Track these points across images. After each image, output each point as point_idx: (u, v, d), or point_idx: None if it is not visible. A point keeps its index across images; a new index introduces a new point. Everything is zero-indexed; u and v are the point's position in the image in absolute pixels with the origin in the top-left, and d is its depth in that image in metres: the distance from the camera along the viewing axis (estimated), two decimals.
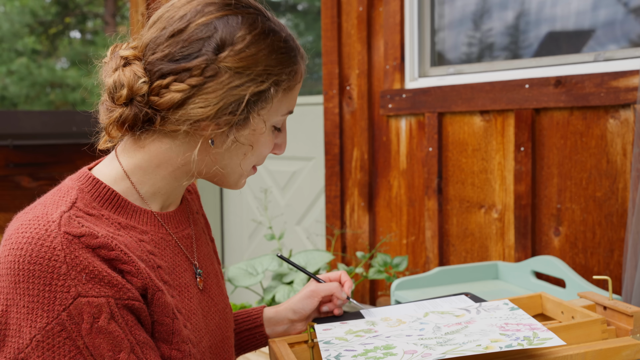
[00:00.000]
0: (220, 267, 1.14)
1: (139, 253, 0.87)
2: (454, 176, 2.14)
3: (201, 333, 0.96)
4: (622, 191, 1.73)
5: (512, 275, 1.85)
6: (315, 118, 2.86)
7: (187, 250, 1.00)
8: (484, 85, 2.02)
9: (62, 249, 0.77)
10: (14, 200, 3.56)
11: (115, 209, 0.90)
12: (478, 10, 2.23)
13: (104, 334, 0.78)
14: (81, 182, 0.91)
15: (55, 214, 0.81)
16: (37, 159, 3.71)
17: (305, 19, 4.04)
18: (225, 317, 1.06)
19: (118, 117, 0.88)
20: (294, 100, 0.97)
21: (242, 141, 0.92)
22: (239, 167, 0.95)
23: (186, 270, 0.98)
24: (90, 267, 0.78)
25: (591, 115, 1.80)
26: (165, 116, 0.88)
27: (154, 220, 0.95)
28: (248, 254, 3.27)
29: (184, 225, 1.02)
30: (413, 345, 0.89)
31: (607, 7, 1.89)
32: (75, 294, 0.77)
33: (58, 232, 0.78)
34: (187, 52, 0.87)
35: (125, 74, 0.88)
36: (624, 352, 0.90)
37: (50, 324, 0.76)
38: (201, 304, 0.99)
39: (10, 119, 3.73)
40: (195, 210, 1.11)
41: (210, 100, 0.87)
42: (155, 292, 0.85)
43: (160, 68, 0.88)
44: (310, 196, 2.93)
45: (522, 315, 0.98)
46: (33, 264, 0.77)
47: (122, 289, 0.80)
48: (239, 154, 0.94)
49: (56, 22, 12.37)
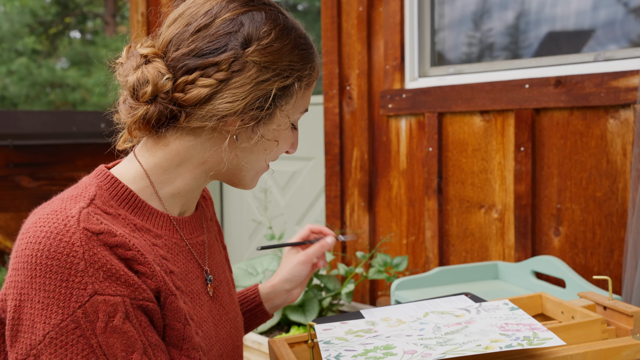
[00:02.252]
0: (232, 275, 1.13)
1: (152, 257, 0.86)
2: (454, 176, 2.14)
3: (212, 341, 0.95)
4: (622, 191, 1.73)
5: (512, 275, 1.85)
6: (315, 118, 2.86)
7: (199, 257, 0.99)
8: (484, 85, 2.02)
9: (80, 245, 0.76)
10: (14, 200, 3.56)
11: (132, 209, 0.89)
12: (478, 10, 2.23)
13: (119, 333, 0.77)
14: (99, 179, 0.90)
15: (75, 210, 0.80)
16: (37, 159, 3.71)
17: (305, 19, 4.04)
18: (236, 326, 1.06)
19: (143, 114, 0.87)
20: (309, 98, 0.99)
21: (268, 137, 0.93)
22: (262, 162, 0.96)
23: (198, 278, 0.97)
24: (108, 265, 0.77)
25: (591, 115, 1.80)
26: (191, 112, 0.88)
27: (169, 224, 0.94)
28: (248, 254, 3.28)
29: (198, 232, 1.01)
30: (413, 345, 0.89)
31: (607, 7, 1.89)
32: (92, 291, 0.76)
33: (77, 228, 0.78)
34: (215, 47, 0.87)
35: (149, 71, 0.87)
36: (624, 352, 0.90)
37: (65, 321, 0.75)
38: (212, 312, 0.98)
39: (10, 119, 3.73)
40: (209, 217, 1.10)
41: (238, 95, 0.87)
42: (169, 296, 0.84)
43: (186, 64, 0.87)
44: (310, 196, 2.93)
45: (522, 315, 0.98)
46: (51, 259, 0.76)
47: (138, 289, 0.80)
48: (261, 150, 0.94)
49: (56, 22, 12.37)
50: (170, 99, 0.87)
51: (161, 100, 0.87)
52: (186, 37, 0.88)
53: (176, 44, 0.89)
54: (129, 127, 0.90)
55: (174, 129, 0.90)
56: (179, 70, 0.88)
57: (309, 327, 1.03)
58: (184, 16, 0.90)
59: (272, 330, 2.38)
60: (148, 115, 0.88)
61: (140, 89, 0.87)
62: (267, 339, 2.19)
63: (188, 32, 0.88)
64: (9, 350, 0.78)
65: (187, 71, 0.87)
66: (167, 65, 0.88)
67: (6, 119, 3.72)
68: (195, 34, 0.88)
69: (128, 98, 0.90)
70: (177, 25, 0.90)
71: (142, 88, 0.87)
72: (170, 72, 0.88)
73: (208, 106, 0.87)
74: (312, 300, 2.30)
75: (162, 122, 0.89)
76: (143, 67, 0.88)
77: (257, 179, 1.00)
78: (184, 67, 0.87)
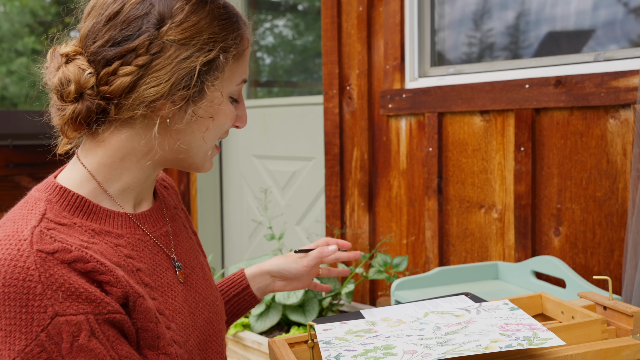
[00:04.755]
0: (206, 259, 1.12)
1: (116, 259, 0.85)
2: (454, 176, 2.14)
3: (188, 331, 0.94)
4: (622, 191, 1.73)
5: (512, 275, 1.85)
6: (316, 118, 2.86)
7: (166, 248, 0.98)
8: (484, 85, 2.02)
9: (36, 268, 0.75)
10: (14, 200, 3.54)
11: (87, 215, 0.88)
12: (478, 10, 2.23)
13: (85, 351, 0.76)
14: (48, 192, 0.88)
15: (26, 231, 0.78)
16: (37, 159, 3.71)
17: (305, 19, 4.04)
18: (216, 310, 1.04)
19: (71, 114, 0.86)
20: (246, 68, 0.95)
21: (201, 114, 0.90)
22: (203, 141, 0.93)
23: (168, 269, 0.96)
24: (67, 285, 0.76)
25: (591, 115, 1.80)
26: (119, 104, 0.86)
27: (128, 222, 0.92)
28: (248, 254, 3.27)
29: (161, 223, 1.00)
30: (413, 345, 0.89)
31: (607, 7, 1.89)
32: (52, 313, 0.74)
33: (31, 251, 0.76)
34: (128, 33, 0.85)
35: (70, 69, 0.86)
36: (624, 352, 0.90)
37: (29, 346, 0.74)
38: (187, 301, 0.97)
39: (10, 119, 3.73)
40: (172, 205, 1.08)
41: (162, 78, 0.85)
42: (137, 299, 0.83)
43: (104, 55, 0.86)
44: (310, 196, 2.93)
45: (522, 316, 0.98)
46: (7, 286, 0.74)
47: (101, 303, 0.78)
48: (201, 128, 0.91)
49: (56, 22, 12.36)
50: (97, 93, 0.86)
51: (88, 97, 0.86)
52: (99, 27, 0.87)
53: (92, 37, 0.87)
54: (61, 129, 0.89)
55: (108, 123, 0.89)
56: (99, 63, 0.86)
57: (309, 327, 1.03)
58: (96, 7, 0.89)
59: (272, 330, 2.39)
60: (75, 114, 0.86)
61: (64, 89, 0.86)
62: (267, 339, 2.19)
63: (101, 22, 0.87)
64: None
65: (107, 62, 0.86)
66: (88, 60, 0.87)
67: (6, 119, 3.72)
68: (107, 23, 0.86)
69: (56, 100, 0.89)
70: (92, 17, 0.89)
71: (65, 88, 0.86)
72: (92, 67, 0.86)
73: (134, 94, 0.85)
74: (312, 300, 2.30)
75: (93, 118, 0.87)
76: (63, 66, 0.87)
77: (209, 160, 0.97)
78: (103, 58, 0.86)
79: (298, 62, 3.87)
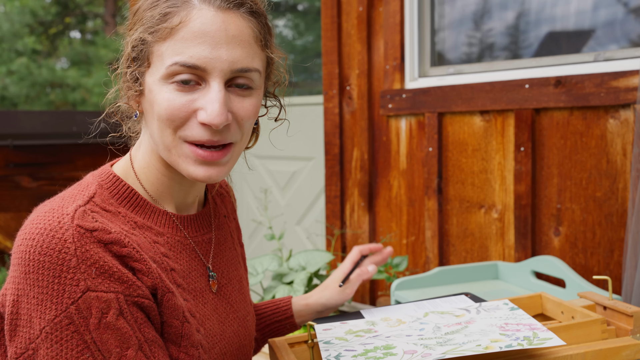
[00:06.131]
0: (247, 273, 1.13)
1: (151, 254, 0.86)
2: (454, 176, 2.14)
3: (215, 339, 0.95)
4: (622, 191, 1.73)
5: (512, 275, 1.85)
6: (316, 118, 2.86)
7: (203, 255, 0.99)
8: (484, 85, 2.02)
9: (73, 242, 0.77)
10: (14, 200, 3.56)
11: (132, 207, 0.90)
12: (478, 10, 2.23)
13: (112, 329, 0.77)
14: (102, 178, 0.91)
15: (71, 207, 0.81)
16: (37, 159, 3.71)
17: (305, 19, 4.04)
18: (245, 325, 1.05)
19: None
20: (186, 49, 0.83)
21: (145, 103, 0.89)
22: (160, 135, 0.87)
23: (202, 276, 0.97)
24: (101, 262, 0.77)
25: (591, 115, 1.80)
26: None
27: (171, 223, 0.94)
28: (248, 254, 3.28)
29: (205, 229, 1.01)
30: (413, 345, 0.89)
31: (607, 7, 1.89)
32: (84, 287, 0.76)
33: (70, 225, 0.78)
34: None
35: None
36: (624, 352, 0.90)
37: (58, 317, 0.76)
38: (217, 310, 0.98)
39: (10, 119, 3.73)
40: (223, 213, 1.09)
41: (122, 74, 0.91)
42: (166, 294, 0.84)
43: None
44: (310, 196, 2.93)
45: (522, 315, 0.98)
46: (43, 255, 0.76)
47: (132, 285, 0.80)
48: (153, 119, 0.87)
49: (56, 22, 12.37)
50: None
51: None
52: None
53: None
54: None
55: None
56: None
57: (309, 327, 1.03)
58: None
59: None
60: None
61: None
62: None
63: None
64: (9, 345, 0.79)
65: None
66: None
67: (6, 119, 3.72)
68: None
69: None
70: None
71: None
72: None
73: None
74: None
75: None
76: None
77: (190, 164, 0.87)
78: None
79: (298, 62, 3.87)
